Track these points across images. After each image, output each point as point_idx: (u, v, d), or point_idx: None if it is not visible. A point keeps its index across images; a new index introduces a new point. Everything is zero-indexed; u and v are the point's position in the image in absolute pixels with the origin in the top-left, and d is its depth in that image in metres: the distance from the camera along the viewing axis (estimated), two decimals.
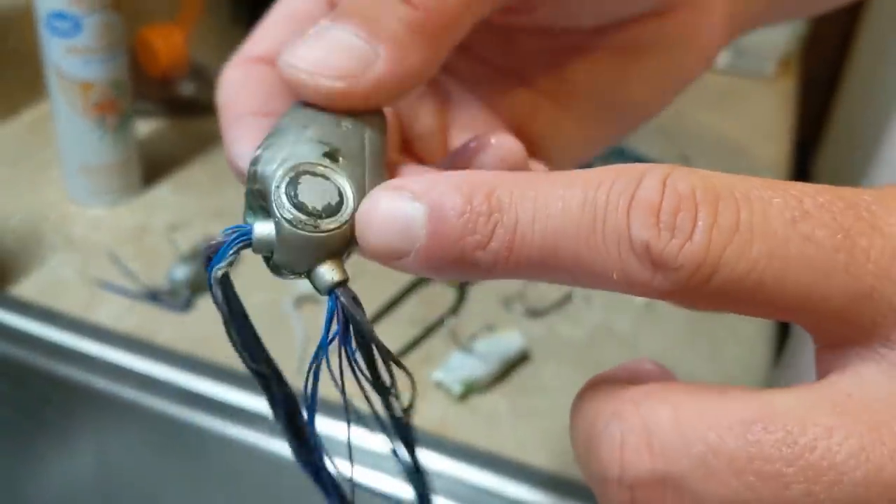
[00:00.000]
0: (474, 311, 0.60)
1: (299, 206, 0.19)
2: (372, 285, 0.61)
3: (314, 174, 0.20)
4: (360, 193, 0.20)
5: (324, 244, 0.19)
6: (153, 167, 0.72)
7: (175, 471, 0.52)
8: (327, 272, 0.20)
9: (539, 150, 0.29)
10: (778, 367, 0.49)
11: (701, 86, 1.00)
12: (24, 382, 0.53)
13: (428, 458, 0.48)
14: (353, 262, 0.26)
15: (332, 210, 0.20)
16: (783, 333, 0.57)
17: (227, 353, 0.43)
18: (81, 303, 0.58)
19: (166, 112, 0.81)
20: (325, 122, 0.21)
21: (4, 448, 0.56)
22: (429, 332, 0.57)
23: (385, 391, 0.22)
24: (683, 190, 0.16)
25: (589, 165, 0.19)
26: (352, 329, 0.20)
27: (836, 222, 0.15)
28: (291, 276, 0.20)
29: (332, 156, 0.21)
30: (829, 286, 0.15)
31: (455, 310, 0.59)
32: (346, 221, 0.19)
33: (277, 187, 0.20)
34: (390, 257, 0.19)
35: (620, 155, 0.77)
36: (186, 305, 0.58)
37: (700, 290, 0.16)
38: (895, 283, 0.15)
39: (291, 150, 0.20)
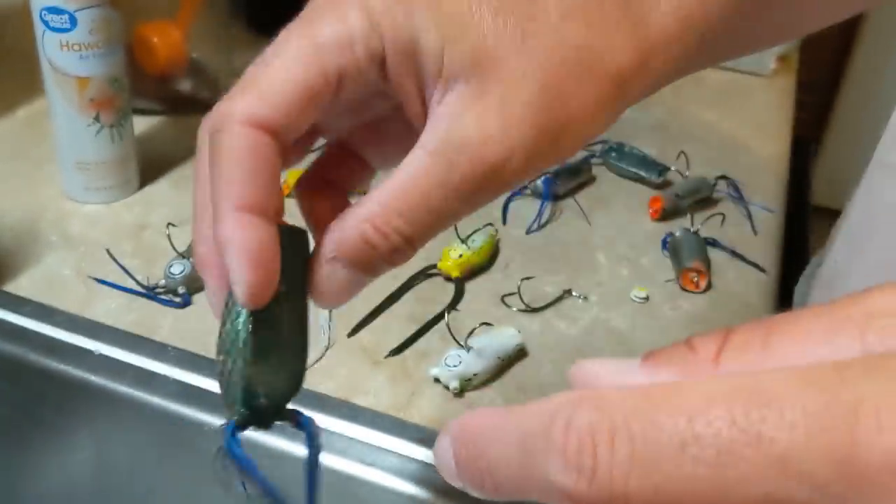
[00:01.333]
0: (472, 307, 0.60)
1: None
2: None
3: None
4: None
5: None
6: (151, 164, 0.72)
7: (173, 466, 0.52)
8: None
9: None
10: None
11: (700, 83, 0.99)
12: (20, 379, 0.53)
13: (425, 454, 0.48)
14: None
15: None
16: None
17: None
18: (78, 299, 0.58)
19: (164, 109, 0.81)
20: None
21: (1, 445, 0.56)
22: (426, 328, 0.57)
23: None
24: (582, 427, 0.17)
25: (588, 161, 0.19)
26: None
27: (721, 439, 0.16)
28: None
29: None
30: (726, 500, 0.16)
31: (452, 306, 0.59)
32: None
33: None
34: None
35: (620, 151, 0.77)
36: (184, 302, 0.58)
37: None
38: (789, 484, 0.15)
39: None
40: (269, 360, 0.29)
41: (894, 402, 0.15)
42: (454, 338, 0.54)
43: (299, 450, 0.48)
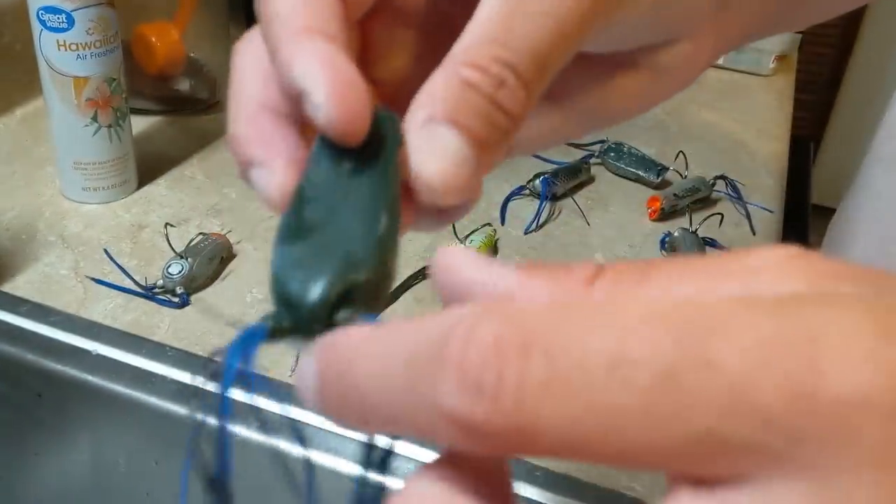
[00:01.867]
0: None
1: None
2: None
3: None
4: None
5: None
6: (149, 164, 0.72)
7: (171, 467, 0.52)
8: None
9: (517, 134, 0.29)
10: None
11: (699, 82, 0.99)
12: (17, 379, 0.53)
13: (424, 455, 0.48)
14: None
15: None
16: None
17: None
18: (76, 300, 0.58)
19: (163, 109, 0.81)
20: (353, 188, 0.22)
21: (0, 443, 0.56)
22: None
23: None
24: (486, 340, 0.14)
25: (586, 160, 0.19)
26: None
27: (659, 362, 0.14)
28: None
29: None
30: (659, 435, 0.14)
31: None
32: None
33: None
34: None
35: (619, 151, 0.77)
36: (183, 302, 0.57)
37: (527, 449, 0.15)
38: (736, 419, 0.13)
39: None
40: (313, 240, 0.21)
41: (860, 333, 0.13)
42: None
43: (318, 457, 0.48)
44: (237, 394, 0.21)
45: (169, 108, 0.81)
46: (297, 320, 0.20)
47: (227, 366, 0.20)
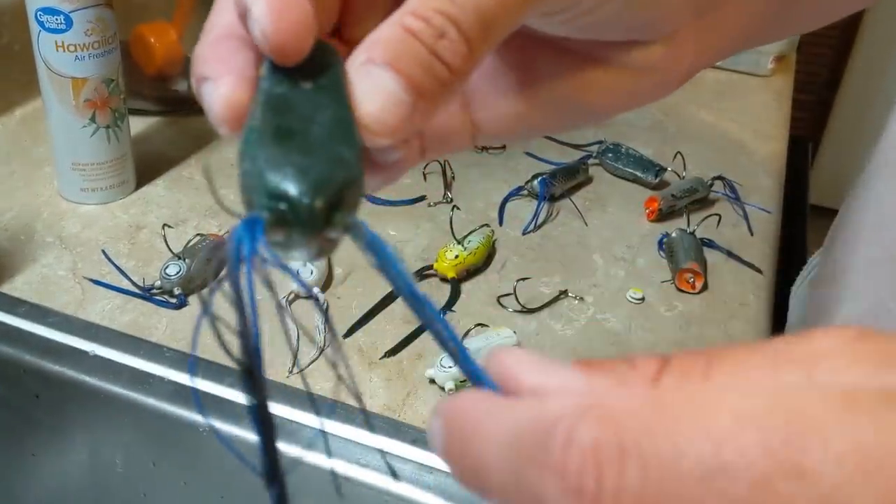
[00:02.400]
0: (468, 308, 0.60)
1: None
2: (365, 282, 0.61)
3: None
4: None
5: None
6: (148, 165, 0.72)
7: (168, 466, 0.52)
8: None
9: (475, 114, 0.30)
10: None
11: (698, 83, 0.99)
12: (15, 380, 0.53)
13: (420, 455, 0.48)
14: (347, 259, 0.26)
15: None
16: (775, 334, 0.58)
17: (219, 350, 0.43)
18: (74, 300, 0.58)
19: (161, 109, 0.81)
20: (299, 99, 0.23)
21: None
22: (422, 329, 0.57)
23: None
24: (585, 444, 0.15)
25: (584, 161, 0.19)
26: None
27: (753, 471, 0.14)
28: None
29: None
30: None
31: (448, 307, 0.59)
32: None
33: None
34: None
35: (617, 152, 0.77)
36: (180, 303, 0.58)
37: None
38: None
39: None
40: (296, 142, 0.21)
41: None
42: None
43: (314, 458, 0.48)
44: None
45: (167, 109, 0.81)
46: (298, 213, 0.20)
47: (236, 251, 0.20)
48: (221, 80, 0.23)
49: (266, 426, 0.21)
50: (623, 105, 0.30)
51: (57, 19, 0.60)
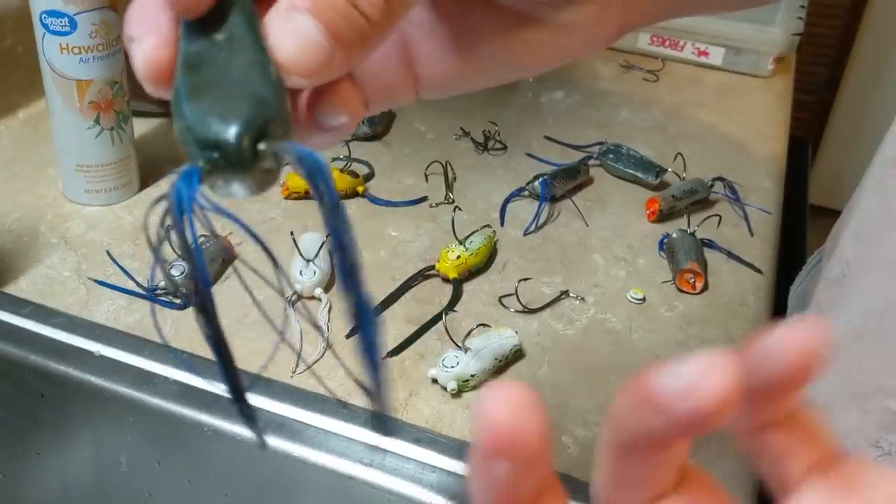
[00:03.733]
0: (469, 308, 0.60)
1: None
2: (369, 282, 0.61)
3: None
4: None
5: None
6: (151, 166, 0.72)
7: (172, 466, 0.52)
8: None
9: (417, 69, 0.32)
10: None
11: (698, 84, 0.99)
12: (20, 380, 0.54)
13: (423, 455, 0.48)
14: None
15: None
16: None
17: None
18: (79, 301, 0.58)
19: (163, 111, 0.81)
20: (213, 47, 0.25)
21: (1, 445, 0.56)
22: (424, 329, 0.57)
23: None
24: None
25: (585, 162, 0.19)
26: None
27: None
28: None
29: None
30: None
31: (450, 307, 0.60)
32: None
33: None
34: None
35: (617, 153, 0.78)
36: (184, 304, 0.58)
37: None
38: None
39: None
40: (215, 92, 0.23)
41: None
42: (452, 339, 0.54)
43: (317, 457, 0.48)
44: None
45: (170, 110, 0.81)
46: (227, 155, 0.22)
47: (176, 202, 0.22)
48: (143, 40, 0.24)
49: (223, 353, 0.25)
50: (553, 61, 0.33)
51: (61, 22, 0.60)
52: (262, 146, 0.23)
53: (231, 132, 0.22)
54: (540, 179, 0.72)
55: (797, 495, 0.20)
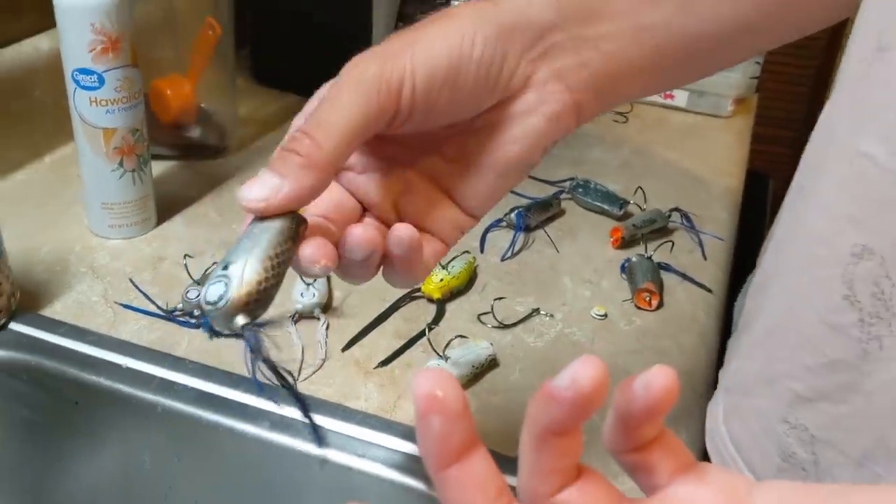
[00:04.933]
0: (451, 325, 0.68)
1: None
2: (361, 303, 0.69)
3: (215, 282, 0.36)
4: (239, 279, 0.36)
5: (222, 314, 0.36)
6: (167, 203, 0.80)
7: (190, 462, 0.60)
8: (239, 321, 0.36)
9: (455, 198, 0.44)
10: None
11: (664, 125, 1.09)
12: (57, 390, 0.61)
13: (410, 448, 0.56)
14: (345, 285, 0.37)
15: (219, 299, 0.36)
16: (722, 345, 0.65)
17: (233, 361, 0.52)
18: (106, 323, 0.66)
19: (177, 154, 0.90)
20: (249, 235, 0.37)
21: (39, 448, 0.64)
22: (411, 343, 0.65)
23: (278, 375, 0.39)
24: None
25: (558, 196, 0.27)
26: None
27: None
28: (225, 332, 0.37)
29: (226, 266, 0.36)
30: None
31: (434, 324, 0.67)
32: (225, 301, 0.36)
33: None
34: None
35: (587, 187, 0.86)
36: (200, 323, 0.66)
37: None
38: None
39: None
40: (223, 275, 0.36)
41: None
42: (434, 350, 0.62)
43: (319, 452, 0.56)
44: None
45: (183, 154, 0.90)
46: (214, 325, 0.36)
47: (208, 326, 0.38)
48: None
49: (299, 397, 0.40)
50: (538, 145, 0.42)
51: (91, 78, 0.69)
52: (238, 320, 0.36)
53: (216, 311, 0.36)
54: (516, 211, 0.80)
55: (669, 489, 0.28)
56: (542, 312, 0.70)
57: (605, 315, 0.70)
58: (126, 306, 0.67)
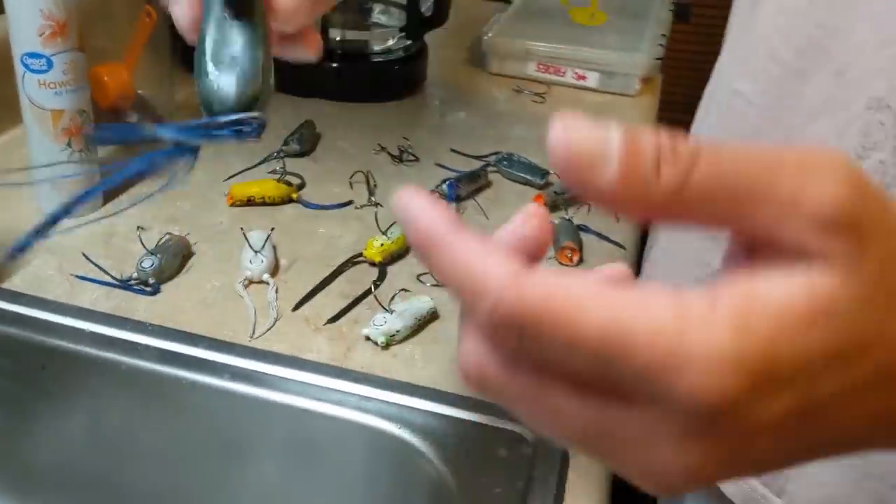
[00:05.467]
0: (393, 285, 0.74)
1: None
2: (307, 269, 0.74)
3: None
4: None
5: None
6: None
7: (156, 416, 0.64)
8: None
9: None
10: None
11: (578, 103, 1.17)
12: (23, 356, 0.65)
13: (362, 390, 0.61)
14: (292, 251, 0.42)
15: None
16: None
17: (188, 324, 0.56)
18: (64, 294, 0.69)
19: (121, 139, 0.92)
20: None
21: (7, 413, 0.67)
22: (357, 301, 0.71)
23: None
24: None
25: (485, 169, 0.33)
26: None
27: None
28: None
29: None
30: None
31: (378, 284, 0.73)
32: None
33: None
34: None
35: (511, 160, 0.93)
36: (154, 290, 0.70)
37: None
38: None
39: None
40: (228, 65, 0.39)
41: None
42: (380, 303, 0.68)
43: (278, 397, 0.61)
44: None
45: (126, 137, 0.92)
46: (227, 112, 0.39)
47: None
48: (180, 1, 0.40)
49: None
50: None
51: (40, 62, 0.72)
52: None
53: (233, 104, 0.39)
54: (447, 182, 0.86)
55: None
56: None
57: None
58: (82, 277, 0.71)
